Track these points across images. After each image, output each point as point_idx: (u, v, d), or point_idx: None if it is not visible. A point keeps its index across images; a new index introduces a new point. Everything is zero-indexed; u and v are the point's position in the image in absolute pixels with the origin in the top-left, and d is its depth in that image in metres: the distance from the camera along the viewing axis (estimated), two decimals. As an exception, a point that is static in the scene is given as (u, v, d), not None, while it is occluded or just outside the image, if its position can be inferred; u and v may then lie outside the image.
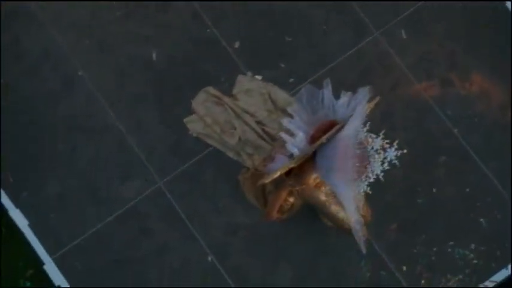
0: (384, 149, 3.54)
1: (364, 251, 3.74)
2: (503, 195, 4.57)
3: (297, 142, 3.67)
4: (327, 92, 3.80)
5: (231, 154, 4.62)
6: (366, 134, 3.56)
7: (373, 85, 3.86)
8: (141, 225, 4.56)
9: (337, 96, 3.80)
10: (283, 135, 3.72)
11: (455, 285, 4.48)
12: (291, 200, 3.99)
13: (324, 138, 3.54)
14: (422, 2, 4.74)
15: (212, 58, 4.75)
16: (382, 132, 3.59)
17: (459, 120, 4.67)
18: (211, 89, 4.69)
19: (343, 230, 4.31)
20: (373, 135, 3.58)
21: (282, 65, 4.72)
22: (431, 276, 4.49)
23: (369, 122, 3.59)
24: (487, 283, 4.48)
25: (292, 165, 3.66)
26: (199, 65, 4.74)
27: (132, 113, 4.70)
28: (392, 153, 3.52)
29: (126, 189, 4.60)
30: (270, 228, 4.55)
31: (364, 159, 3.53)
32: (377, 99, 3.75)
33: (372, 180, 3.78)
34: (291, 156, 3.75)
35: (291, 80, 4.70)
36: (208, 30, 4.78)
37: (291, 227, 4.53)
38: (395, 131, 4.55)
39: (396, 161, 3.49)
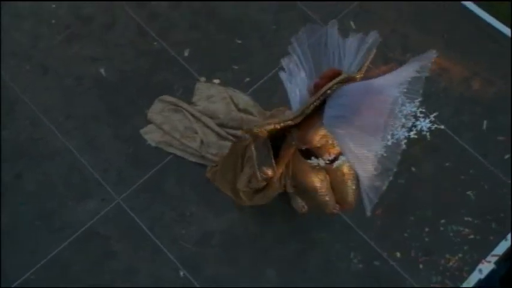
0: (416, 117, 3.15)
1: (368, 213, 3.23)
2: (485, 165, 4.32)
3: (298, 83, 3.10)
4: (332, 31, 3.18)
5: (193, 159, 4.27)
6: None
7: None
8: (103, 248, 4.04)
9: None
10: (282, 74, 3.15)
11: (456, 265, 4.06)
12: (270, 173, 3.53)
13: (328, 86, 2.94)
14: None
15: (163, 69, 4.55)
16: (419, 100, 3.34)
17: (425, 98, 4.46)
18: (167, 97, 4.43)
19: (324, 214, 3.94)
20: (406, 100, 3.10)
21: (235, 67, 4.55)
22: (428, 259, 4.06)
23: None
24: (489, 258, 4.08)
25: (290, 121, 3.09)
26: (151, 76, 4.52)
27: (83, 132, 4.36)
28: (425, 124, 3.10)
29: (81, 211, 4.13)
30: (245, 230, 4.11)
31: (390, 117, 3.02)
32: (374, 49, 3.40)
33: (389, 143, 3.36)
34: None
35: (247, 79, 4.51)
36: (155, 43, 4.63)
37: (268, 225, 4.11)
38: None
39: (427, 133, 3.09)
